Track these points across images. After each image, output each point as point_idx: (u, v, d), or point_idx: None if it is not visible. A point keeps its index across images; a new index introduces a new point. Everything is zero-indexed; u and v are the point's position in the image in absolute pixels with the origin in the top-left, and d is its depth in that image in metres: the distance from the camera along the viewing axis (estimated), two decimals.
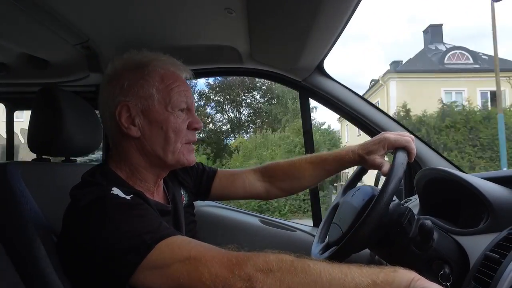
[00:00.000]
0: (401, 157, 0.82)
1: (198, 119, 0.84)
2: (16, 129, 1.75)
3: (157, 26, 1.13)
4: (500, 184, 0.87)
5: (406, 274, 0.54)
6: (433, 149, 1.31)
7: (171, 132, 0.78)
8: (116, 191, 0.68)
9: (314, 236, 1.09)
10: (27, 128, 0.99)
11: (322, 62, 1.36)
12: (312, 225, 1.62)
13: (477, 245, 0.76)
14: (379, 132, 1.26)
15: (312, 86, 1.45)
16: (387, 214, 0.76)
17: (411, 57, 16.17)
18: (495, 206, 0.80)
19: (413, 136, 0.91)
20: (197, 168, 1.04)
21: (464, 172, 1.02)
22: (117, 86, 0.78)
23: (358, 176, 1.09)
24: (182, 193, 0.96)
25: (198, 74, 1.57)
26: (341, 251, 0.79)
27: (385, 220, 0.77)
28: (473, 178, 0.87)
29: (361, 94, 1.46)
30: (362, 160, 0.93)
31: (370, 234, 0.75)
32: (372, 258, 1.21)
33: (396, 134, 0.90)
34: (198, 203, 1.55)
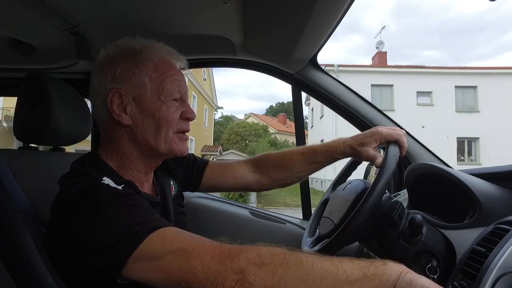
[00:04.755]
0: (394, 150, 0.84)
1: (191, 109, 0.84)
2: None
3: (149, 13, 1.10)
4: (487, 180, 0.89)
5: (395, 267, 0.55)
6: (422, 145, 1.33)
7: (163, 121, 0.77)
8: (107, 180, 0.67)
9: (304, 229, 1.10)
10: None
11: (316, 55, 1.36)
12: (302, 218, 1.64)
13: (464, 239, 0.78)
14: (370, 127, 1.27)
15: (305, 79, 1.45)
16: (380, 206, 0.77)
17: None
18: (482, 201, 0.82)
19: (404, 131, 0.92)
20: (188, 159, 1.04)
21: (452, 168, 1.04)
22: (109, 73, 0.77)
23: (348, 171, 1.10)
24: (171, 183, 0.95)
25: (190, 64, 1.55)
26: (333, 243, 0.80)
27: (377, 212, 0.78)
28: (461, 174, 0.89)
29: None
30: (354, 151, 0.94)
31: (363, 225, 0.76)
32: (360, 250, 1.23)
33: (388, 128, 0.91)
34: (188, 195, 1.55)
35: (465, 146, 16.24)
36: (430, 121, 15.22)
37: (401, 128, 1.17)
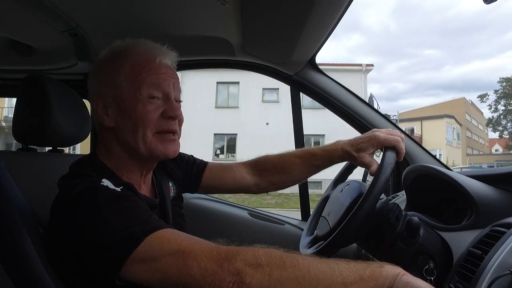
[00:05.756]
0: (390, 157, 0.83)
1: (176, 106, 0.78)
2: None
3: (148, 15, 1.11)
4: (484, 182, 0.89)
5: (392, 270, 0.56)
6: (422, 147, 1.34)
7: (139, 121, 0.74)
8: (106, 182, 0.67)
9: (302, 229, 1.10)
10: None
11: (314, 56, 1.36)
12: (301, 219, 1.64)
13: (461, 241, 0.78)
14: (369, 128, 1.28)
15: (304, 80, 1.45)
16: (374, 212, 0.77)
17: None
18: (479, 203, 0.82)
19: (403, 135, 0.91)
20: (187, 160, 1.04)
21: (450, 170, 1.04)
22: (96, 77, 0.79)
23: (347, 171, 1.10)
24: (170, 185, 0.95)
25: (189, 66, 1.55)
26: (328, 246, 0.80)
27: (372, 217, 0.78)
28: (459, 176, 0.89)
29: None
30: (351, 157, 0.93)
31: (357, 230, 0.77)
32: (358, 252, 1.24)
33: (386, 133, 0.89)
34: (187, 196, 1.55)
35: (312, 143, 15.93)
36: (275, 118, 14.88)
37: (402, 131, 1.18)
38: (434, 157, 1.33)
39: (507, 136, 31.61)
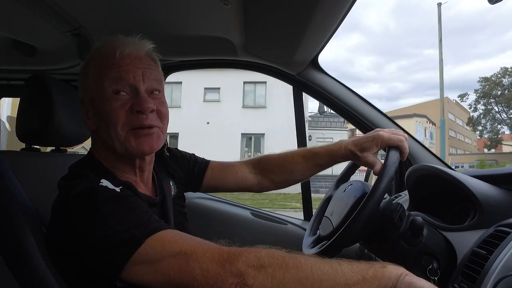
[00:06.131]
0: (394, 156, 0.83)
1: (144, 98, 0.72)
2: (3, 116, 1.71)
3: (151, 15, 1.11)
4: (488, 182, 0.89)
5: (395, 270, 0.55)
6: (425, 147, 1.33)
7: (108, 120, 0.72)
8: (105, 182, 0.67)
9: (304, 229, 1.10)
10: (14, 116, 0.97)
11: (317, 56, 1.36)
12: (303, 219, 1.64)
13: (464, 241, 0.78)
14: (372, 128, 1.27)
15: (306, 80, 1.45)
16: (378, 212, 0.77)
17: None
18: (483, 203, 0.82)
19: (406, 135, 0.91)
20: (189, 159, 1.04)
21: (453, 170, 1.04)
22: (79, 83, 0.80)
23: (350, 171, 1.10)
24: (171, 184, 0.95)
25: (191, 66, 1.55)
26: (332, 246, 0.80)
27: (375, 217, 0.78)
28: (462, 176, 0.89)
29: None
30: (354, 156, 0.93)
31: (360, 230, 0.76)
32: (361, 252, 1.24)
33: (390, 132, 0.89)
34: (189, 195, 1.55)
35: (252, 142, 15.77)
36: (216, 117, 15.08)
37: (404, 131, 1.17)
38: (437, 157, 1.33)
39: (486, 136, 31.46)
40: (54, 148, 1.07)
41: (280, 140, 14.69)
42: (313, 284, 0.54)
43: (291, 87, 1.55)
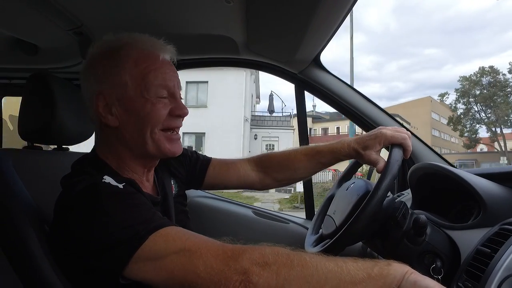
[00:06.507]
0: (397, 154, 0.83)
1: (182, 104, 0.79)
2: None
3: (153, 13, 1.11)
4: (491, 180, 0.88)
5: (400, 268, 0.55)
6: (427, 145, 1.33)
7: (147, 120, 0.74)
8: (107, 179, 0.67)
9: (307, 228, 1.10)
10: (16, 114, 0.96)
11: (319, 55, 1.36)
12: (305, 218, 1.63)
13: (468, 239, 0.78)
14: (374, 127, 1.27)
15: (308, 78, 1.45)
16: (381, 210, 0.77)
17: None
18: (487, 201, 0.81)
19: (409, 133, 0.90)
20: (190, 157, 1.03)
21: (456, 168, 1.03)
22: (92, 74, 0.76)
23: (353, 169, 1.09)
24: (172, 182, 0.95)
25: (193, 64, 1.55)
26: (334, 244, 0.80)
27: (379, 215, 0.78)
28: (465, 174, 0.88)
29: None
30: (357, 154, 0.93)
31: (363, 229, 0.76)
32: (364, 250, 1.23)
33: (393, 130, 0.89)
34: (191, 194, 1.55)
35: (194, 141, 15.80)
36: None
37: (406, 129, 1.17)
38: (440, 155, 1.32)
39: (466, 135, 31.25)
40: (56, 146, 1.07)
41: (221, 140, 14.79)
42: (318, 281, 0.53)
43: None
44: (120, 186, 0.67)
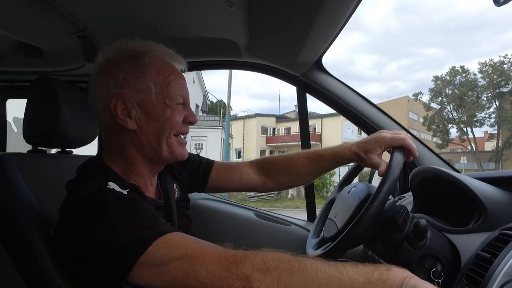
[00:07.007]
0: (398, 157, 0.83)
1: (193, 112, 0.85)
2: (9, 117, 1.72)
3: (156, 17, 1.11)
4: (492, 185, 0.89)
5: (399, 273, 0.56)
6: (429, 149, 1.33)
7: (167, 125, 0.78)
8: (112, 185, 0.67)
9: (308, 230, 1.10)
10: (20, 117, 0.97)
11: (321, 57, 1.36)
12: (307, 220, 1.64)
13: (469, 243, 0.78)
14: (376, 130, 1.27)
15: (310, 81, 1.45)
16: (382, 213, 0.77)
17: None
18: (488, 206, 0.81)
19: (408, 134, 0.91)
20: (193, 161, 1.04)
21: (458, 172, 1.04)
22: (111, 77, 0.76)
23: (354, 173, 1.10)
24: (174, 186, 0.96)
25: (196, 67, 1.56)
26: (336, 247, 0.80)
27: (380, 218, 0.78)
28: (466, 178, 0.89)
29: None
30: (359, 158, 0.93)
31: (365, 232, 0.76)
32: (365, 254, 1.23)
33: (392, 133, 0.89)
34: (193, 196, 1.55)
35: None
36: None
37: (407, 131, 1.17)
38: (442, 158, 1.32)
39: (438, 135, 30.87)
40: (60, 149, 1.07)
41: None
42: (319, 287, 0.54)
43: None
44: (124, 192, 0.67)
